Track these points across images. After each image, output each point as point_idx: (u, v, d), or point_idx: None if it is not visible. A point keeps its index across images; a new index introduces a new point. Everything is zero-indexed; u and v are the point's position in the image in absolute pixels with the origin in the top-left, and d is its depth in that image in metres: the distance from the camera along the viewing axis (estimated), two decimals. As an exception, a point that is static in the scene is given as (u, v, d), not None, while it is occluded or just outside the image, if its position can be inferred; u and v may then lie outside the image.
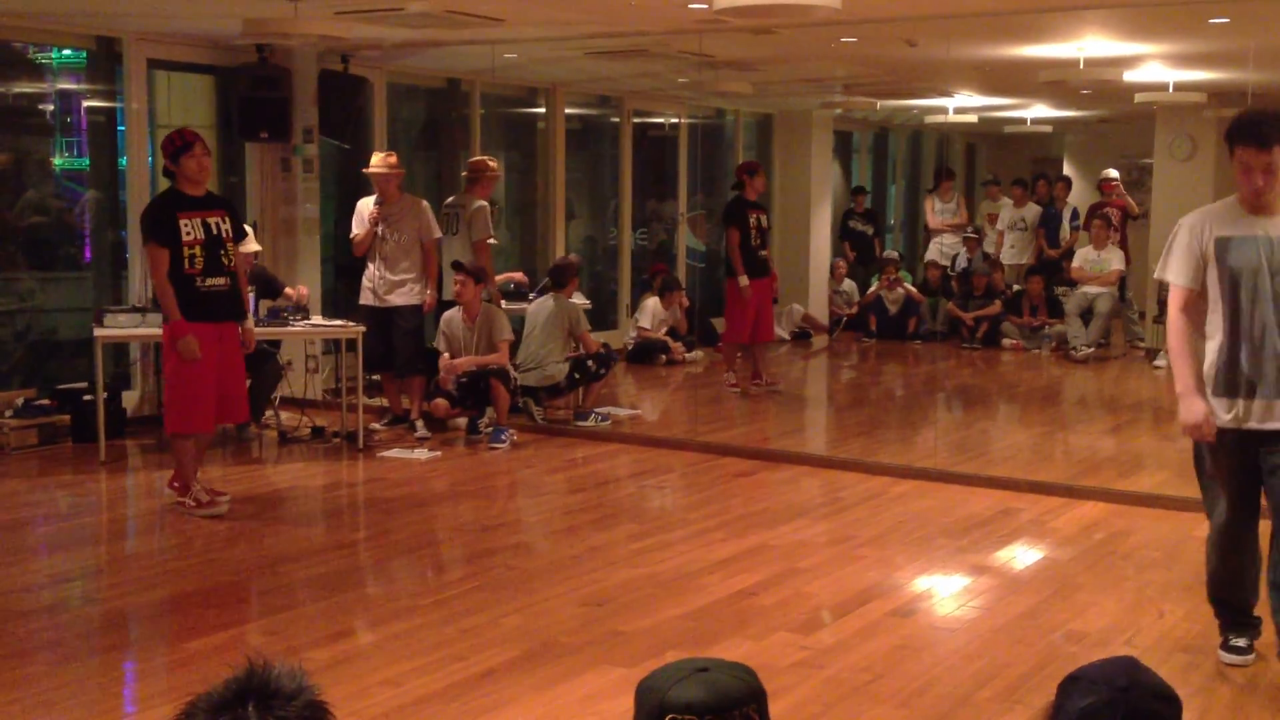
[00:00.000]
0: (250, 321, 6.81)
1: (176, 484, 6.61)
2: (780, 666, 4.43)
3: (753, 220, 10.04)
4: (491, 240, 9.01)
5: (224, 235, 6.44)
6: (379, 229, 8.40)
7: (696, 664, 1.83)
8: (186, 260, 6.30)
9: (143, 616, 5.06)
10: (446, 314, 8.53)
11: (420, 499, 7.00)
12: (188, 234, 6.30)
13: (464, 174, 9.30)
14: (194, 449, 6.57)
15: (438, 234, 8.68)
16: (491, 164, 9.21)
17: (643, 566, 5.65)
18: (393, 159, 8.54)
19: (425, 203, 8.73)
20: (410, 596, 5.24)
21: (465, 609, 5.03)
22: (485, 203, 9.01)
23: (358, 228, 8.53)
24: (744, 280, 9.94)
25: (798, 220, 14.55)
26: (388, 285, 8.48)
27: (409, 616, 4.97)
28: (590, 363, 9.04)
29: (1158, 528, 6.45)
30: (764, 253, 10.22)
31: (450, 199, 9.29)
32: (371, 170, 8.48)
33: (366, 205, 8.53)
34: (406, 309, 8.52)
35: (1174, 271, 4.37)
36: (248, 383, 7.01)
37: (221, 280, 6.43)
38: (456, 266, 8.40)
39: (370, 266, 8.51)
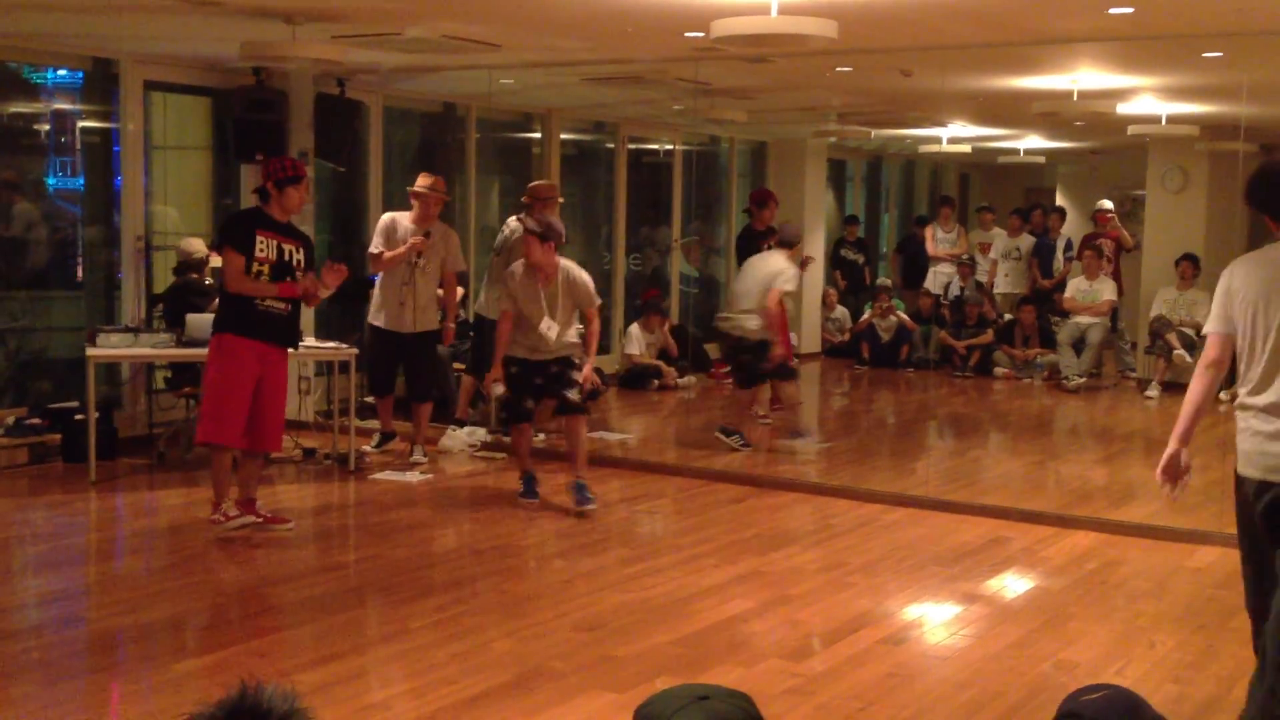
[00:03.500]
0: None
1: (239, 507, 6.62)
2: (771, 694, 4.42)
3: (764, 249, 9.98)
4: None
5: (294, 264, 6.47)
6: (411, 257, 8.21)
7: (696, 691, 1.83)
8: (253, 275, 6.36)
9: (131, 638, 5.04)
10: (511, 268, 7.25)
11: (412, 522, 6.98)
12: (261, 251, 6.36)
13: (523, 199, 8.91)
14: (229, 463, 6.55)
15: (462, 266, 8.64)
16: (544, 189, 8.78)
17: (634, 592, 5.64)
18: (441, 183, 8.40)
19: (454, 232, 8.69)
20: (401, 620, 5.22)
21: (456, 632, 5.02)
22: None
23: (384, 244, 8.25)
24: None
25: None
26: (413, 313, 8.32)
27: (400, 640, 4.95)
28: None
29: (1149, 558, 6.46)
30: None
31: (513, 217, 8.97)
32: (421, 189, 8.28)
33: (399, 222, 8.32)
34: (432, 334, 8.48)
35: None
36: None
37: (281, 304, 6.46)
38: (527, 230, 7.07)
39: (391, 292, 8.30)
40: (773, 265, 8.87)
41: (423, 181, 8.37)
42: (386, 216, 8.49)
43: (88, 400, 7.69)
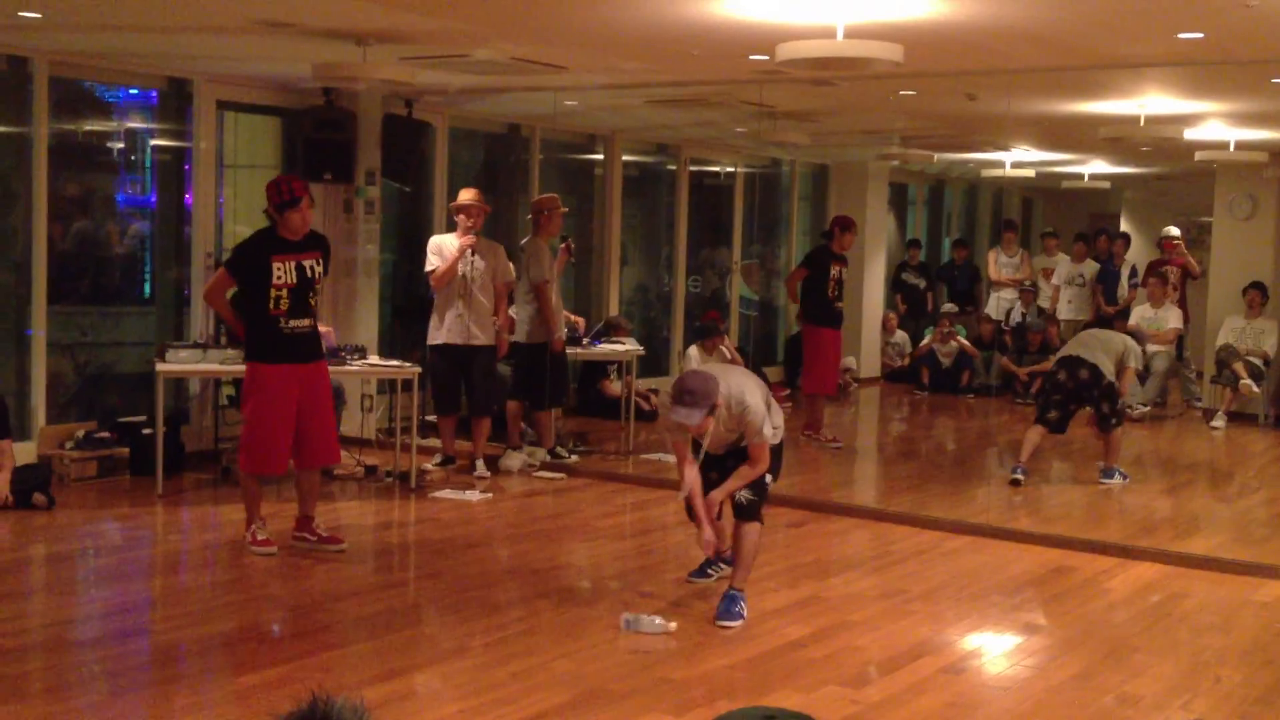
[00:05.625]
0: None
1: (299, 532, 6.68)
2: (830, 720, 4.40)
3: (834, 271, 10.15)
4: (548, 281, 8.82)
5: (315, 278, 6.45)
6: (463, 268, 8.39)
7: (763, 711, 1.83)
8: (273, 302, 6.30)
9: (197, 650, 5.10)
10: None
11: (472, 540, 7.03)
12: (279, 277, 6.30)
13: (529, 216, 9.22)
14: (259, 486, 6.62)
15: (511, 276, 8.72)
16: (549, 201, 8.97)
17: (692, 615, 5.62)
18: (481, 195, 8.56)
19: (500, 245, 8.78)
20: (461, 638, 5.25)
21: (515, 652, 5.04)
22: (545, 242, 8.96)
23: (438, 261, 8.44)
24: (794, 309, 10.37)
25: (851, 271, 14.51)
26: (470, 325, 8.45)
27: (459, 658, 4.98)
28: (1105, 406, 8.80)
29: (1215, 591, 6.36)
30: (839, 305, 10.30)
31: (523, 241, 9.23)
32: (464, 202, 8.44)
33: (447, 240, 8.50)
34: (489, 348, 8.57)
35: None
36: None
37: (306, 322, 6.42)
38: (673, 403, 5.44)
39: (448, 307, 8.48)
40: (1122, 341, 8.98)
41: (465, 196, 8.54)
42: (434, 239, 8.67)
43: (156, 415, 7.81)
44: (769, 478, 5.72)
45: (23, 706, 4.37)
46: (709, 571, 6.16)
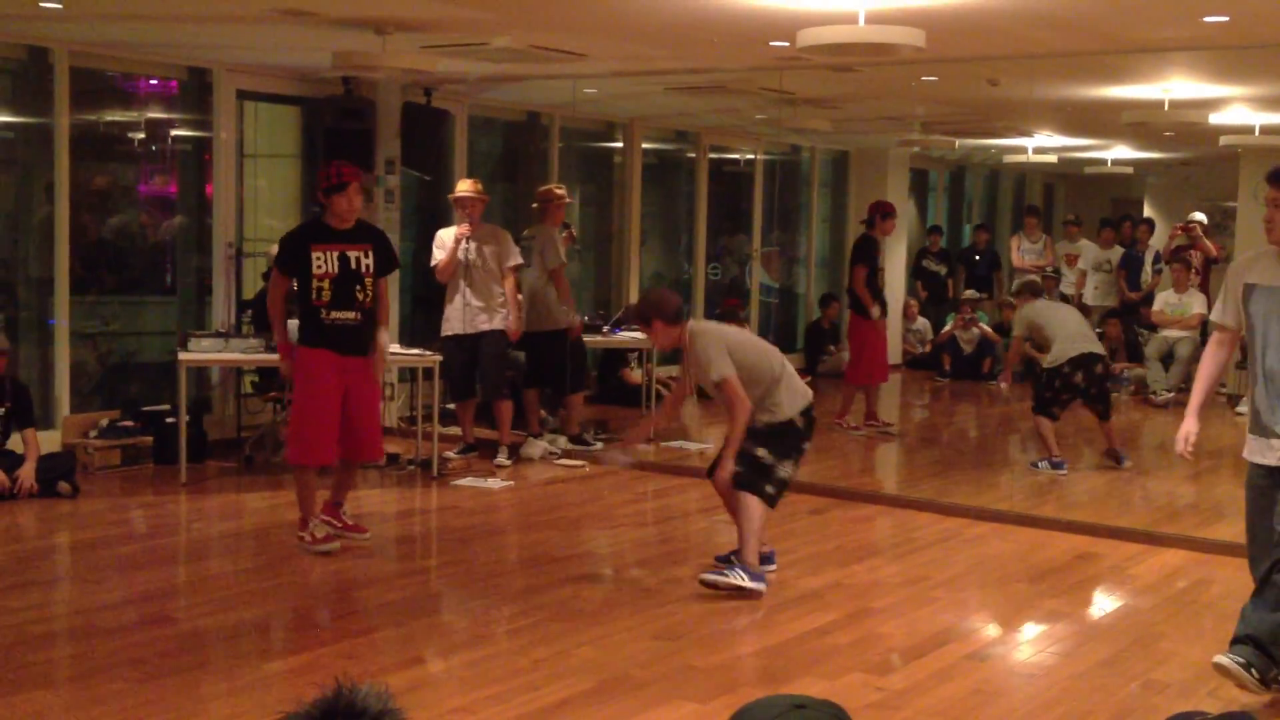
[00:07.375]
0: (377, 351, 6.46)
1: (325, 517, 6.53)
2: (854, 707, 4.36)
3: (881, 261, 10.18)
4: (564, 264, 8.96)
5: (364, 269, 6.26)
6: (464, 257, 8.44)
7: (792, 700, 1.82)
8: (314, 292, 6.20)
9: (221, 637, 5.12)
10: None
11: (494, 528, 7.04)
12: (319, 267, 6.18)
13: (534, 205, 9.33)
14: (314, 481, 6.44)
15: (518, 260, 8.73)
16: (557, 191, 9.14)
17: (715, 602, 5.62)
18: (479, 185, 8.61)
19: (505, 231, 8.80)
20: (483, 625, 5.26)
21: (538, 639, 5.04)
22: (555, 230, 9.03)
23: (441, 254, 8.53)
24: (876, 310, 9.99)
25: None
26: (475, 312, 8.50)
27: (482, 645, 4.99)
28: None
29: (1241, 578, 6.27)
30: (883, 290, 10.34)
31: (526, 231, 9.32)
32: (460, 194, 8.51)
33: (448, 233, 8.58)
34: (495, 334, 8.57)
35: (1215, 310, 4.86)
36: None
37: (350, 315, 6.24)
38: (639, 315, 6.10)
39: (455, 296, 8.55)
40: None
41: (460, 187, 8.59)
42: (438, 233, 8.73)
43: (179, 404, 7.84)
44: (763, 453, 5.74)
45: (49, 693, 4.40)
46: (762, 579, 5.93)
